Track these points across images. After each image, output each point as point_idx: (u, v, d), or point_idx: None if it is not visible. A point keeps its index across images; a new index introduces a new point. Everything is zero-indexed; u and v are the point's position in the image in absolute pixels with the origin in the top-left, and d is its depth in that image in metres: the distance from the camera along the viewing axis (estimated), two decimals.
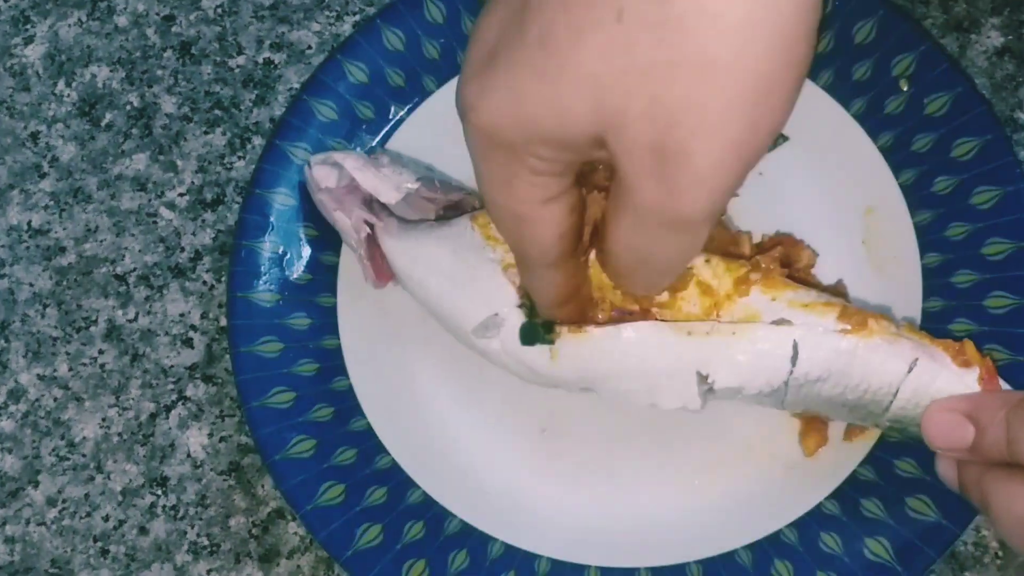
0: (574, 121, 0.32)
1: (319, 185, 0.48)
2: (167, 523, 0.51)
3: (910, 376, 0.42)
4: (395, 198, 0.47)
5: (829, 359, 0.42)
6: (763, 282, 0.43)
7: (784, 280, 0.44)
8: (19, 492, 0.51)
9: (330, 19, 0.57)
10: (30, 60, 0.57)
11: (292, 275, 0.50)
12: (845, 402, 0.43)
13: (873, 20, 0.50)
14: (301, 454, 0.47)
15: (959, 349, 0.42)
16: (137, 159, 0.55)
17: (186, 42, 0.57)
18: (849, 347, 0.42)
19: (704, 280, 0.43)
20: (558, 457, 0.49)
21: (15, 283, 0.54)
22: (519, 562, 0.47)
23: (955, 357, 0.42)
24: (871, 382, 0.42)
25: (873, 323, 0.42)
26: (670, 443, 0.49)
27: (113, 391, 0.53)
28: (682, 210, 0.32)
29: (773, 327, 0.42)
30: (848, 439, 0.47)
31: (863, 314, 0.43)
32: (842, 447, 0.48)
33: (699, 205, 0.32)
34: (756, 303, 0.43)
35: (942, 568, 0.49)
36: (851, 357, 0.42)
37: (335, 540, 0.46)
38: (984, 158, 0.48)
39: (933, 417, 0.42)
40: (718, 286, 0.43)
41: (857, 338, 0.42)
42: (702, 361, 0.43)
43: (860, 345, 0.42)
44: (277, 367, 0.48)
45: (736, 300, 0.43)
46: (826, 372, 0.42)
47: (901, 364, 0.42)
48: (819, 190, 0.51)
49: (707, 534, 0.47)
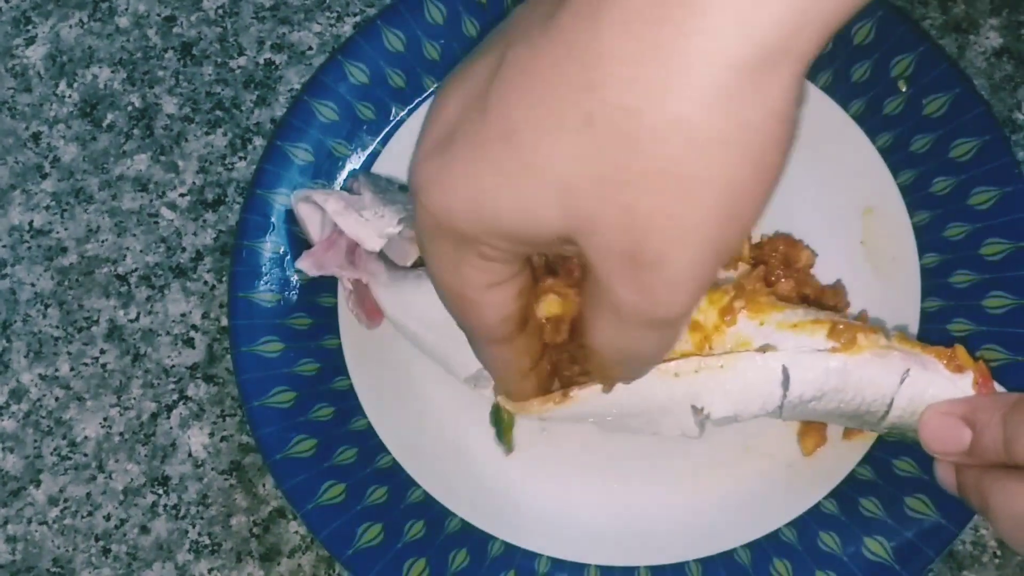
0: (539, 221, 0.30)
1: (304, 228, 0.48)
2: (168, 522, 0.51)
3: (903, 387, 0.42)
4: (378, 245, 0.46)
5: (820, 379, 0.42)
6: (749, 307, 0.43)
7: (771, 301, 0.44)
8: (21, 491, 0.52)
9: (331, 20, 0.57)
10: (31, 61, 0.57)
11: (293, 275, 0.50)
12: (842, 414, 0.44)
13: (872, 21, 0.50)
14: (302, 453, 0.48)
15: (951, 355, 0.42)
16: (138, 159, 0.56)
17: (187, 43, 0.57)
18: (839, 365, 0.42)
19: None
20: (558, 457, 0.49)
21: (17, 283, 0.54)
22: (519, 561, 0.47)
23: (948, 363, 0.42)
24: (865, 396, 0.42)
25: (862, 338, 0.42)
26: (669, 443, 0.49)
27: (114, 391, 0.53)
28: (659, 313, 0.31)
29: (760, 355, 0.42)
30: (847, 438, 0.47)
31: (853, 329, 0.42)
32: (841, 447, 0.48)
33: (676, 308, 0.31)
34: (744, 330, 0.43)
35: (940, 567, 0.49)
36: (842, 375, 0.42)
37: (336, 539, 0.46)
38: (983, 159, 0.48)
39: (929, 422, 0.41)
40: (704, 320, 0.43)
41: (847, 356, 0.42)
42: (694, 395, 0.43)
43: (850, 362, 0.42)
44: (278, 367, 0.49)
45: (724, 330, 0.43)
46: (819, 392, 0.42)
47: (892, 377, 0.42)
48: (818, 190, 0.51)
49: (706, 533, 0.47)
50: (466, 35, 0.52)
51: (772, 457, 0.49)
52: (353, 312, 0.49)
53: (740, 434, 0.49)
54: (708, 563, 0.46)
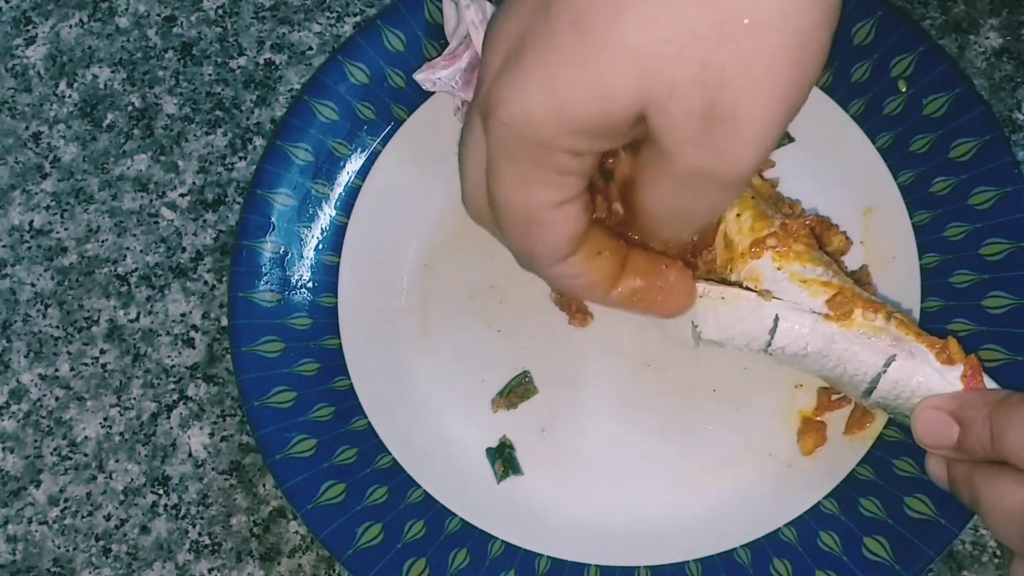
0: (617, 101, 0.31)
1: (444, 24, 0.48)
2: (169, 522, 0.51)
3: (890, 370, 0.43)
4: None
5: (806, 339, 0.43)
6: (777, 249, 0.45)
7: (802, 251, 0.45)
8: (21, 491, 0.52)
9: (331, 20, 0.57)
10: (31, 61, 0.57)
11: (293, 275, 0.50)
12: (827, 377, 0.45)
13: (872, 21, 0.50)
14: (302, 453, 0.48)
15: (943, 346, 0.43)
16: (138, 160, 0.56)
17: (187, 43, 0.57)
18: (827, 332, 0.43)
19: (729, 235, 0.45)
20: (558, 457, 0.50)
21: (17, 283, 0.54)
22: (519, 561, 0.47)
23: (938, 354, 0.43)
24: (846, 368, 0.44)
25: (859, 314, 0.43)
26: (669, 443, 0.49)
27: (115, 391, 0.53)
28: (728, 172, 0.33)
29: (757, 300, 0.44)
30: (848, 433, 0.47)
31: (854, 303, 0.43)
32: (841, 446, 0.48)
33: (744, 166, 0.33)
34: (763, 268, 0.44)
35: (940, 567, 0.49)
36: (828, 342, 0.43)
37: (336, 539, 0.46)
38: (982, 159, 0.48)
39: (920, 415, 0.42)
40: (738, 243, 0.45)
41: (838, 326, 0.43)
42: (694, 312, 0.44)
43: (838, 334, 0.43)
44: (278, 367, 0.49)
45: (748, 261, 0.45)
46: (802, 350, 0.44)
47: (877, 358, 0.43)
48: (818, 190, 0.51)
49: (706, 533, 0.47)
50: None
51: (772, 457, 0.49)
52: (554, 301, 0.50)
53: (740, 434, 0.49)
54: (708, 563, 0.46)
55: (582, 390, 0.50)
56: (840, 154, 0.51)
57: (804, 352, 0.44)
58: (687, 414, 0.50)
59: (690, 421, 0.49)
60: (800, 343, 0.44)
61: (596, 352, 0.50)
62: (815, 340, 0.43)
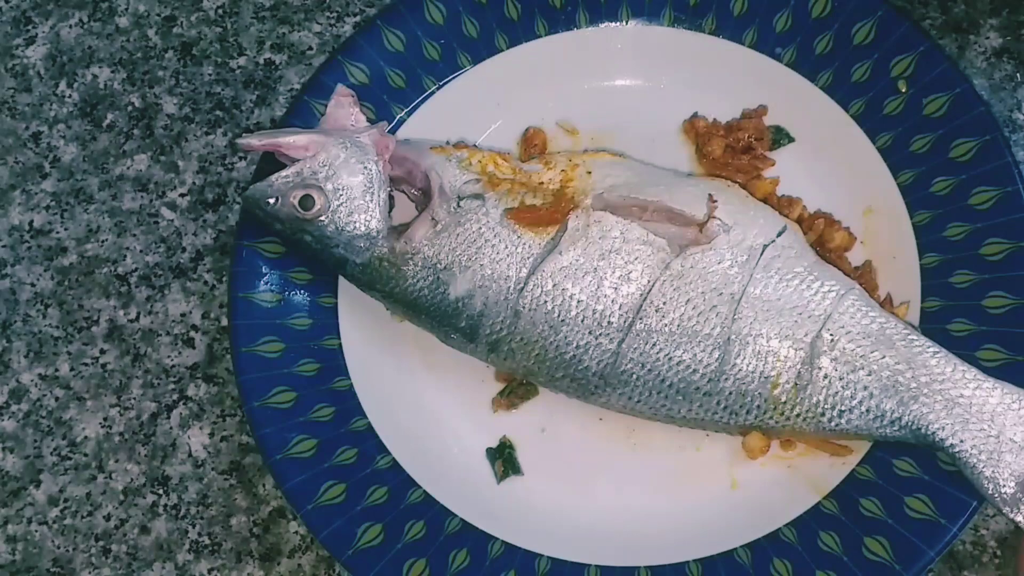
0: None
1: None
2: (168, 522, 0.51)
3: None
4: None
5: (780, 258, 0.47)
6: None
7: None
8: (21, 491, 0.52)
9: (331, 20, 0.57)
10: (31, 61, 0.57)
11: (293, 275, 0.50)
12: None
13: (872, 21, 0.50)
14: (302, 454, 0.48)
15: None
16: (138, 159, 0.56)
17: (187, 43, 0.57)
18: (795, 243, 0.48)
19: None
20: (558, 457, 0.50)
21: (17, 283, 0.54)
22: (519, 561, 0.47)
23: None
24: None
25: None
26: (670, 443, 0.49)
27: (114, 391, 0.53)
28: None
29: (769, 212, 0.49)
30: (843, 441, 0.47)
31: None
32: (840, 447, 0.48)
33: None
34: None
35: (941, 567, 0.49)
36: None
37: (336, 539, 0.46)
38: (983, 159, 0.48)
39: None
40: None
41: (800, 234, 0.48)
42: (717, 189, 0.48)
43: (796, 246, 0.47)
44: (278, 367, 0.49)
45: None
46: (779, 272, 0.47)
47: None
48: (818, 190, 0.51)
49: (706, 533, 0.47)
50: (466, 35, 0.52)
51: (772, 457, 0.49)
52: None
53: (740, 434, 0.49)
54: (708, 563, 0.46)
55: None
56: (840, 154, 0.51)
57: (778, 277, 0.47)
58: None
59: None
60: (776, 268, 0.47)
61: None
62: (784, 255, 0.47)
